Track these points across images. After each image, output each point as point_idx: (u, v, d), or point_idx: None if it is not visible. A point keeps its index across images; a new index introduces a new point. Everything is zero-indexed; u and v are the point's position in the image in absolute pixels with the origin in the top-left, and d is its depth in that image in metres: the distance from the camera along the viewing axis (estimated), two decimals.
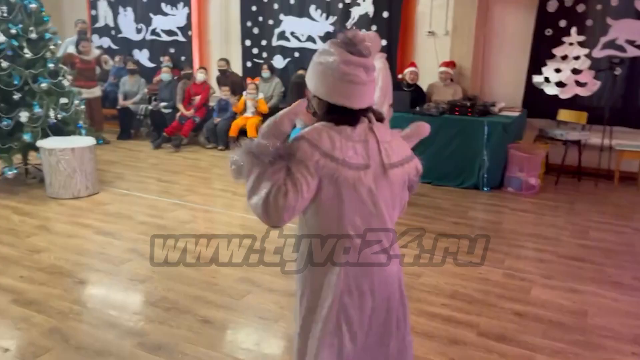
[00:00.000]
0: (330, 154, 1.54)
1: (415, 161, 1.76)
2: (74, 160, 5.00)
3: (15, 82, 5.07)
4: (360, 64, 1.57)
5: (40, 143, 5.03)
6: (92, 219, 4.54)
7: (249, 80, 7.62)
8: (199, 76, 7.60)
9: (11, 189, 5.30)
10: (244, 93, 7.47)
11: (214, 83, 7.94)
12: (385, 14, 7.05)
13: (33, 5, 5.19)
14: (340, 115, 1.59)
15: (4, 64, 5.02)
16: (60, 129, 5.40)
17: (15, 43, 5.07)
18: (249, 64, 8.13)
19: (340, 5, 7.32)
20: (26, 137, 5.05)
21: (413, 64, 6.66)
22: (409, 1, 7.01)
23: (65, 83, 5.52)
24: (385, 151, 1.64)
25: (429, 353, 2.69)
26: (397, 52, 7.00)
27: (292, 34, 7.75)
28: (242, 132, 7.32)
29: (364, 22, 7.19)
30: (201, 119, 7.51)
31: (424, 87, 6.66)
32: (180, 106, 7.58)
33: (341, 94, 1.58)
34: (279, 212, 1.51)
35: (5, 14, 5.05)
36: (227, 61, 7.83)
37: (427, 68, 6.78)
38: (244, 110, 7.40)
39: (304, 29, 7.66)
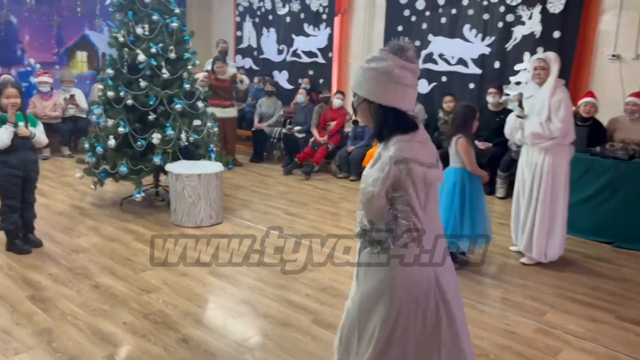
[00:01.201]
0: (427, 162, 1.71)
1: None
2: (200, 187, 4.69)
3: (151, 103, 4.93)
4: (410, 69, 1.72)
5: (169, 167, 4.81)
6: (207, 254, 4.13)
7: None
8: (336, 102, 7.11)
9: (139, 210, 5.16)
10: None
11: (349, 108, 7.39)
12: (557, 34, 5.96)
13: (174, 24, 5.04)
14: (398, 119, 1.72)
15: (142, 84, 4.91)
16: (190, 152, 5.17)
17: (154, 63, 4.94)
18: None
19: (500, 24, 6.37)
20: (156, 160, 4.86)
21: (590, 94, 5.47)
22: (588, 19, 5.84)
23: (200, 105, 5.30)
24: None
25: None
26: (569, 79, 5.84)
27: (440, 56, 6.95)
28: None
29: (529, 43, 6.16)
30: (335, 146, 6.99)
31: (604, 122, 5.43)
32: (314, 131, 7.15)
33: (394, 95, 1.71)
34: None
35: (147, 33, 4.95)
36: None
37: (608, 99, 5.56)
38: None
39: (455, 50, 6.82)
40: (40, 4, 7.89)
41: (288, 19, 8.53)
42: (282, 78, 8.78)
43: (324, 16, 8.05)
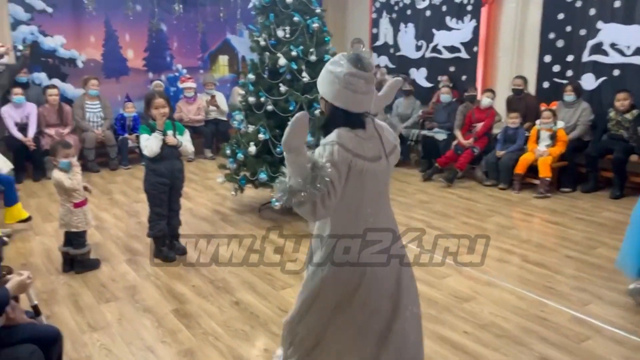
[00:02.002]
0: (359, 153, 1.89)
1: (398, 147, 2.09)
2: None
3: (291, 108, 4.76)
4: (362, 77, 1.90)
5: None
6: None
7: (542, 107, 6.14)
8: (485, 101, 6.43)
9: (277, 218, 5.05)
10: (537, 122, 6.03)
11: (499, 108, 6.67)
12: None
13: (315, 25, 4.81)
14: (341, 116, 1.91)
15: (282, 89, 4.76)
16: None
17: (295, 66, 4.76)
18: (546, 85, 6.61)
19: None
20: None
21: None
22: None
23: None
24: (386, 143, 2.00)
25: None
26: None
27: (612, 46, 5.95)
28: (531, 170, 5.90)
29: None
30: (481, 150, 6.33)
31: None
32: (458, 133, 6.55)
33: (344, 98, 1.90)
34: (327, 212, 1.84)
35: (287, 35, 4.79)
36: (524, 80, 6.47)
37: None
38: (537, 142, 5.95)
39: (631, 39, 5.79)
40: (187, 11, 8.25)
41: (428, 13, 7.98)
42: (419, 76, 8.26)
43: (469, 7, 7.38)
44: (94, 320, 3.16)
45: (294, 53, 4.75)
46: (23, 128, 6.46)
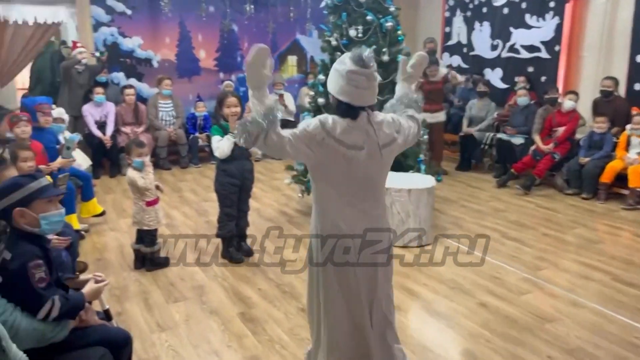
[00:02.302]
0: (333, 134, 2.04)
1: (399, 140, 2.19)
2: (409, 204, 4.24)
3: None
4: (363, 74, 2.03)
5: None
6: (419, 284, 3.65)
7: (634, 111, 5.66)
8: (568, 103, 6.01)
9: None
10: (628, 127, 5.56)
11: (582, 111, 6.22)
12: None
13: (389, 24, 4.66)
14: (344, 109, 2.07)
15: None
16: (398, 162, 4.75)
17: None
18: (638, 87, 6.09)
19: None
20: None
21: None
22: None
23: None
24: (380, 136, 2.11)
25: None
26: None
27: None
28: (619, 179, 5.45)
29: None
30: (562, 156, 5.92)
31: None
32: (537, 138, 6.17)
33: (347, 94, 2.05)
34: (268, 148, 2.04)
35: (360, 35, 4.66)
36: (615, 81, 5.98)
37: None
38: (626, 149, 5.49)
39: None
40: (258, 11, 8.30)
41: (506, 10, 7.59)
42: (494, 76, 7.87)
43: (552, 4, 6.93)
44: (162, 320, 3.17)
45: None
46: (102, 126, 6.73)
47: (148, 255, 3.86)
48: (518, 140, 6.42)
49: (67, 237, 2.87)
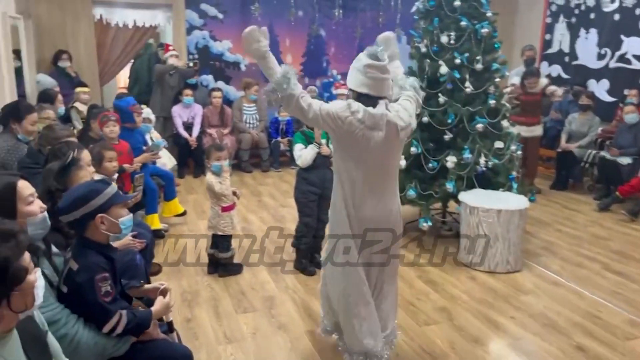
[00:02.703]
0: (357, 115, 2.37)
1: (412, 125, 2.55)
2: (498, 225, 3.89)
3: (449, 121, 4.34)
4: (377, 67, 2.37)
5: (463, 196, 4.14)
6: (505, 317, 3.31)
7: None
8: None
9: (424, 239, 4.65)
10: None
11: None
12: None
13: (485, 30, 4.33)
14: (365, 100, 2.40)
15: (441, 99, 4.36)
16: (487, 179, 4.41)
17: (457, 75, 4.33)
18: None
19: None
20: (449, 186, 4.26)
21: None
22: None
23: (505, 124, 4.49)
24: (398, 120, 2.44)
25: None
26: None
27: None
28: None
29: None
30: None
31: None
32: None
33: (365, 86, 2.40)
34: (303, 111, 2.38)
35: (452, 41, 4.37)
36: None
37: None
38: None
39: None
40: (347, 17, 8.18)
41: (617, 17, 6.92)
42: (600, 88, 7.20)
43: None
44: (230, 331, 3.10)
45: (457, 61, 4.33)
46: (189, 127, 6.91)
47: (222, 260, 3.83)
48: (625, 159, 5.78)
49: (142, 240, 2.86)
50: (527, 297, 3.58)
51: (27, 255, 1.32)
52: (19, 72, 5.45)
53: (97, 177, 3.15)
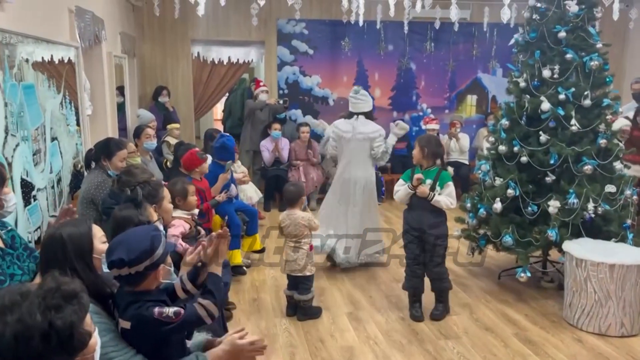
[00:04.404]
0: (337, 126, 4.70)
1: (373, 137, 4.59)
2: (611, 282, 3.42)
3: (552, 162, 3.95)
4: (352, 95, 4.65)
5: (568, 246, 3.71)
6: None
7: None
8: None
9: (521, 290, 4.23)
10: None
11: None
12: None
13: (594, 63, 3.94)
14: (348, 114, 4.62)
15: (543, 138, 3.99)
16: (597, 227, 3.93)
17: (561, 112, 3.95)
18: None
19: None
20: (551, 234, 3.84)
21: None
22: None
23: (617, 165, 4.02)
24: (357, 129, 4.54)
25: None
26: None
27: None
28: None
29: None
30: None
31: None
32: None
33: (349, 105, 4.69)
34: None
35: (556, 75, 4.01)
36: None
37: None
38: None
39: None
40: (439, 49, 7.96)
41: None
42: None
43: None
44: None
45: (562, 96, 3.95)
46: (276, 161, 6.95)
47: (301, 303, 3.69)
48: None
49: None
50: None
51: (88, 317, 1.25)
52: (121, 107, 5.78)
53: (176, 213, 3.18)
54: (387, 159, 4.85)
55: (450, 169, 3.57)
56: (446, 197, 3.59)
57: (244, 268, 4.59)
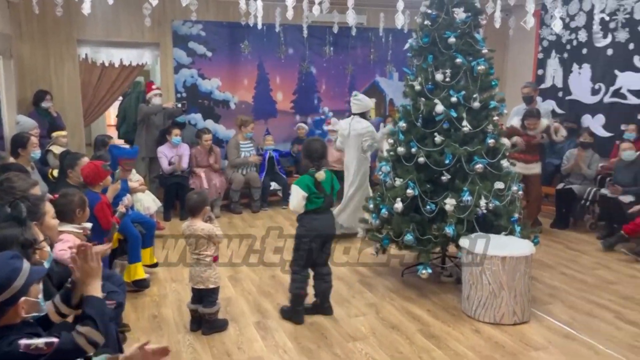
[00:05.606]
0: (340, 124, 5.99)
1: (362, 133, 5.57)
2: (503, 274, 3.63)
3: (447, 161, 4.13)
4: (352, 98, 5.74)
5: (464, 242, 3.89)
6: None
7: None
8: None
9: (423, 286, 4.38)
10: None
11: None
12: None
13: (481, 67, 4.17)
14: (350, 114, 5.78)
15: (438, 139, 4.17)
16: (488, 222, 4.17)
17: (454, 114, 4.15)
18: None
19: None
20: (448, 231, 4.01)
21: None
22: None
23: (505, 163, 4.29)
24: (352, 127, 5.62)
25: None
26: None
27: None
28: None
29: None
30: None
31: None
32: None
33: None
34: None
35: (447, 79, 4.21)
36: None
37: None
38: None
39: None
40: (337, 54, 8.09)
41: (610, 52, 6.85)
42: (596, 123, 7.07)
43: None
44: None
45: (454, 99, 4.15)
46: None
47: (206, 316, 3.52)
48: (627, 198, 5.58)
49: (112, 301, 2.57)
50: (537, 353, 3.29)
51: None
52: None
53: (64, 227, 2.90)
54: (373, 150, 5.79)
55: (320, 173, 3.53)
56: (292, 197, 3.65)
57: (148, 281, 4.31)
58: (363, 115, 5.72)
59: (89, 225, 3.15)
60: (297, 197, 3.57)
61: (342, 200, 5.77)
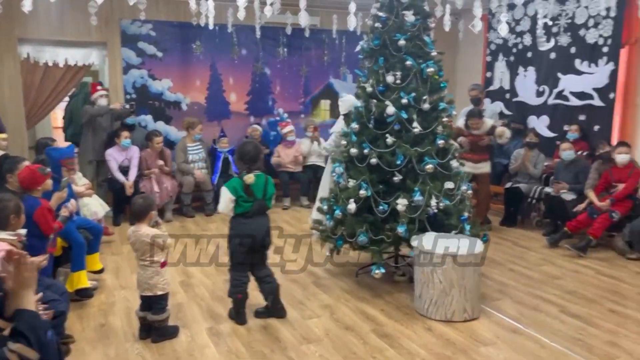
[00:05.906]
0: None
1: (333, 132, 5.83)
2: (453, 272, 3.71)
3: (398, 162, 4.18)
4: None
5: (415, 241, 3.95)
6: None
7: None
8: (620, 158, 5.41)
9: (377, 286, 4.42)
10: None
11: None
12: None
13: (430, 70, 4.25)
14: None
15: (389, 140, 4.21)
16: (439, 222, 4.25)
17: (405, 115, 4.20)
18: None
19: None
20: (400, 230, 4.06)
21: None
22: None
23: (454, 164, 4.38)
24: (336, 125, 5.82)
25: None
26: None
27: None
28: None
29: None
30: (623, 215, 5.30)
31: None
32: (591, 194, 5.56)
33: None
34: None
35: (398, 81, 4.26)
36: None
37: None
38: None
39: None
40: (291, 55, 8.08)
41: (553, 55, 7.12)
42: (540, 124, 7.34)
43: (605, 49, 6.44)
44: None
45: (404, 101, 4.21)
46: (125, 171, 6.45)
47: (156, 324, 3.42)
48: (569, 195, 5.82)
49: (48, 311, 2.44)
50: (487, 348, 3.37)
51: None
52: None
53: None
54: (332, 150, 5.65)
55: (249, 176, 3.51)
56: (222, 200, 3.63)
57: (92, 291, 4.15)
58: (347, 115, 5.22)
59: (23, 231, 2.99)
60: (225, 199, 3.55)
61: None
